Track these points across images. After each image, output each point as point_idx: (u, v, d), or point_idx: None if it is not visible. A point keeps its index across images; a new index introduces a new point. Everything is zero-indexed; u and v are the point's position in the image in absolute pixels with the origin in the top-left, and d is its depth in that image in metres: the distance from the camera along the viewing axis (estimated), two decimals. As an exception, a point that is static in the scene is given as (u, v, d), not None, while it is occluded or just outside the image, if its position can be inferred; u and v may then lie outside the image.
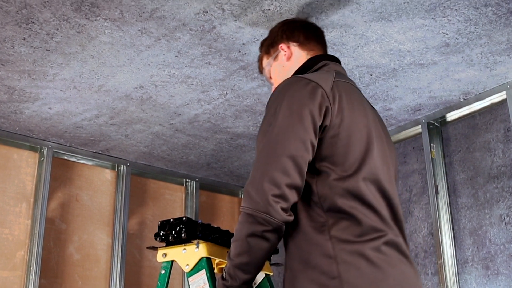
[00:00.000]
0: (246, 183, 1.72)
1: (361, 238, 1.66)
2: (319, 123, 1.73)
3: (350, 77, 3.02)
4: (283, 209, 1.65)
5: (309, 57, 2.06)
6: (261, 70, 2.25)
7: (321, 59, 2.00)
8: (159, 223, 2.74)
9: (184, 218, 2.66)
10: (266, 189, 1.65)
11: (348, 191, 1.70)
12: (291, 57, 2.09)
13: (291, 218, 1.68)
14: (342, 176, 1.72)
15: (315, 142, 1.72)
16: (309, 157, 1.71)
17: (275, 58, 2.14)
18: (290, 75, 2.01)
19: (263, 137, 1.75)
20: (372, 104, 3.33)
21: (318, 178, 1.73)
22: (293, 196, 1.68)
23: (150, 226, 4.20)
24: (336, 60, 2.06)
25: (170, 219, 2.70)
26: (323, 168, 1.73)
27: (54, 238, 3.77)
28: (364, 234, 1.67)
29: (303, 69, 1.98)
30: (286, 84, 1.81)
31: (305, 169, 1.70)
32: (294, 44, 2.10)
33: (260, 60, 2.26)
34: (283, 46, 2.12)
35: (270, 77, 2.18)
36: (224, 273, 1.75)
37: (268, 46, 2.19)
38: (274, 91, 1.84)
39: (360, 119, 1.81)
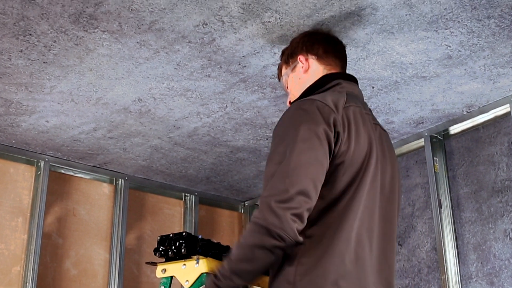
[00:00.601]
0: (265, 193, 1.70)
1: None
2: (333, 147, 1.74)
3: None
4: (297, 230, 1.65)
5: (325, 72, 2.06)
6: (279, 78, 2.27)
7: (335, 78, 1.99)
8: (159, 238, 2.74)
9: (184, 233, 2.65)
10: (288, 206, 1.64)
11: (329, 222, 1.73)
12: (308, 70, 2.10)
13: (301, 240, 1.68)
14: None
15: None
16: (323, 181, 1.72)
17: (293, 69, 2.15)
18: (305, 88, 2.02)
19: (281, 156, 1.73)
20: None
21: None
22: (305, 221, 1.68)
23: (149, 241, 4.19)
24: (352, 79, 2.05)
25: (169, 234, 2.70)
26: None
27: (51, 253, 3.76)
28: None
29: (315, 87, 1.98)
30: (299, 108, 1.80)
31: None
32: (313, 57, 2.11)
33: (279, 69, 2.28)
34: (301, 58, 2.14)
35: (287, 87, 2.19)
36: (218, 273, 1.74)
37: (288, 56, 2.20)
38: (288, 112, 1.84)
39: (360, 152, 1.81)
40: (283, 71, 2.23)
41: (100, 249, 3.98)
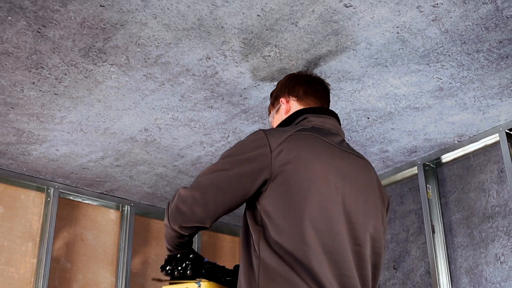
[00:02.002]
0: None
1: None
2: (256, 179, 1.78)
3: (346, 121, 3.03)
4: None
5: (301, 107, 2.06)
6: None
7: (303, 113, 1.98)
8: (166, 257, 2.73)
9: (191, 255, 2.64)
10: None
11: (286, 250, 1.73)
12: (289, 111, 2.10)
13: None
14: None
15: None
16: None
17: (277, 111, 2.16)
18: None
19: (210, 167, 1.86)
20: (367, 147, 3.34)
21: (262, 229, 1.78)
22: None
23: (153, 265, 4.17)
24: (326, 112, 2.02)
25: (177, 254, 2.69)
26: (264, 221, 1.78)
27: (59, 277, 3.74)
28: None
29: (285, 123, 1.98)
30: (245, 138, 1.86)
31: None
32: (294, 98, 2.12)
33: (269, 110, 2.29)
34: (283, 100, 2.15)
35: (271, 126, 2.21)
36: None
37: (274, 98, 2.23)
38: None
39: (300, 174, 1.79)
40: (270, 112, 2.25)
41: (107, 273, 3.96)
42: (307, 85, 2.16)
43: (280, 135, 1.81)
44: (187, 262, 2.60)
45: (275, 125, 2.15)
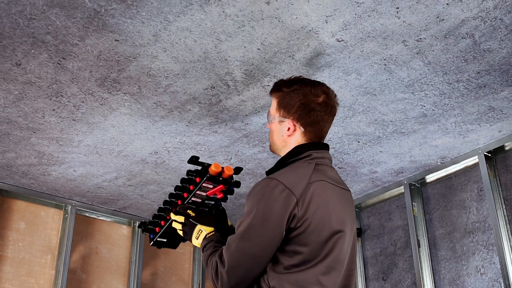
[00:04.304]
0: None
1: None
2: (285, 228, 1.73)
3: (339, 145, 3.03)
4: None
5: (304, 140, 1.91)
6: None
7: (307, 149, 1.89)
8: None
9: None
10: None
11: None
12: (291, 136, 1.93)
13: None
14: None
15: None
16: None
17: (280, 121, 1.93)
18: (284, 148, 1.92)
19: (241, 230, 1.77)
20: (358, 169, 3.33)
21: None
22: None
23: (162, 277, 4.14)
24: (324, 146, 1.94)
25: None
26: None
27: (75, 287, 3.71)
28: None
29: (289, 156, 1.89)
30: (266, 190, 1.76)
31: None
32: (301, 129, 1.90)
33: (271, 94, 2.02)
34: (290, 123, 1.91)
35: (270, 127, 2.01)
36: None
37: (282, 103, 1.93)
38: (256, 188, 1.80)
39: (319, 221, 1.76)
40: (272, 111, 1.97)
41: (119, 283, 3.93)
42: (318, 120, 1.91)
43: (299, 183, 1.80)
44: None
45: (276, 137, 1.91)
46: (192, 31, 2.16)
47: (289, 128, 1.91)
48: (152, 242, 2.29)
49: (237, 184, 2.14)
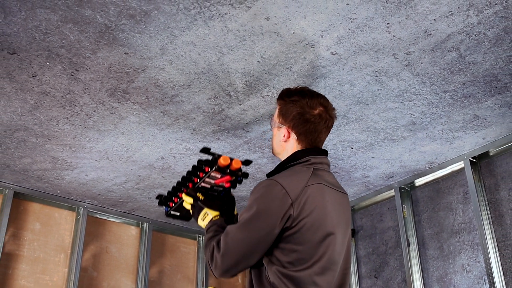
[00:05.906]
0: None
1: None
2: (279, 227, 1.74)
3: (333, 151, 3.03)
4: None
5: (299, 147, 1.92)
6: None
7: (306, 155, 1.88)
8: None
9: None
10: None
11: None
12: (287, 142, 1.93)
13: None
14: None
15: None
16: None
17: (279, 127, 1.95)
18: (282, 153, 1.93)
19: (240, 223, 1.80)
20: (352, 173, 3.33)
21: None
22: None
23: (168, 275, 4.13)
24: (322, 152, 1.93)
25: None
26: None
27: (87, 284, 3.70)
28: None
29: (289, 160, 1.88)
30: (266, 189, 1.78)
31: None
32: (294, 137, 1.90)
33: (276, 101, 2.02)
34: (285, 130, 1.93)
35: (272, 130, 2.02)
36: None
37: (282, 111, 1.95)
38: (258, 187, 1.82)
39: (315, 221, 1.76)
40: (275, 117, 1.99)
41: (128, 280, 3.92)
42: (311, 130, 1.91)
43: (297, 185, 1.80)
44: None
45: (276, 141, 1.97)
46: (197, 45, 2.17)
47: (284, 135, 1.93)
48: (166, 214, 2.31)
49: (245, 175, 2.14)
